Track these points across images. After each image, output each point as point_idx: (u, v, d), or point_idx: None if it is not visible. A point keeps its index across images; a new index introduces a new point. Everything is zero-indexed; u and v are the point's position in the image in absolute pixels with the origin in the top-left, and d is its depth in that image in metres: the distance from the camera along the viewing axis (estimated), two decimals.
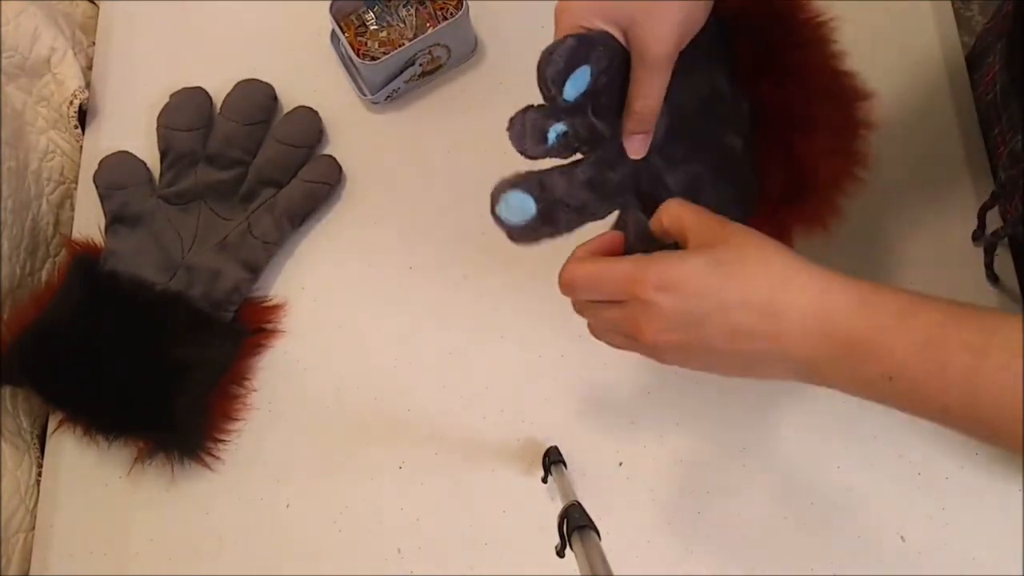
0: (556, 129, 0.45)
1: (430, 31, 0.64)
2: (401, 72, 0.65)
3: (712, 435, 0.58)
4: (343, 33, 0.65)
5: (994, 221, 0.58)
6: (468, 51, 0.68)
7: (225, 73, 0.67)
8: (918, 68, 0.66)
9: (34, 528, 0.60)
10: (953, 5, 0.66)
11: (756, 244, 0.39)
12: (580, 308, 0.44)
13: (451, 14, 0.65)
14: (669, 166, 0.48)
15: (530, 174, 0.46)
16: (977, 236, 0.59)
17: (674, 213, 0.41)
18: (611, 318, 0.41)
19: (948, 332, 0.35)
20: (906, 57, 0.66)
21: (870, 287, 0.37)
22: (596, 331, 0.44)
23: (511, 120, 0.44)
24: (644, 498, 0.57)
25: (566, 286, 0.42)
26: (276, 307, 0.63)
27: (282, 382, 0.62)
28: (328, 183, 0.65)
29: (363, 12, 0.67)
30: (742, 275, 0.38)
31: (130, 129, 0.68)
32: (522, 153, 0.45)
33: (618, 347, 0.43)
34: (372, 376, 0.61)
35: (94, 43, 0.72)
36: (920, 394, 0.36)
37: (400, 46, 0.64)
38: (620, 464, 0.58)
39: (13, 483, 0.59)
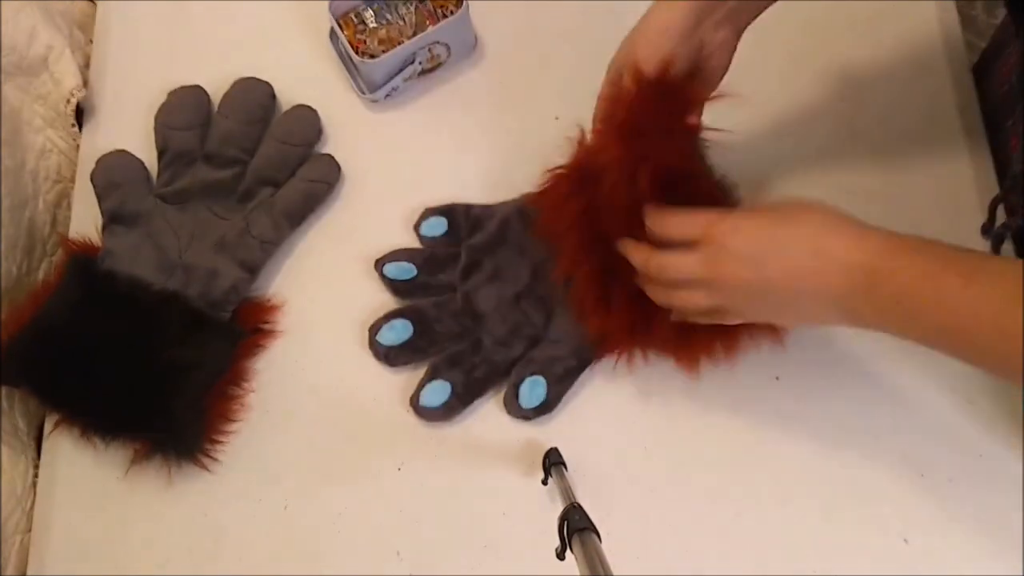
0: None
1: (430, 29, 0.63)
2: (400, 70, 0.65)
3: (713, 436, 0.58)
4: (342, 31, 0.65)
5: (1003, 214, 0.58)
6: (468, 49, 0.68)
7: (223, 71, 0.67)
8: (922, 66, 0.65)
9: (31, 529, 0.60)
10: (957, 3, 0.66)
11: (800, 203, 0.46)
12: (649, 265, 0.50)
13: (451, 12, 0.65)
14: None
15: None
16: (987, 229, 0.59)
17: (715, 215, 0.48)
18: (687, 263, 0.48)
19: (947, 264, 0.41)
20: (910, 55, 0.65)
21: (898, 235, 0.43)
22: (679, 291, 0.50)
23: None
24: (645, 500, 0.57)
25: (655, 220, 0.50)
26: (274, 307, 0.63)
27: (280, 383, 0.62)
28: (327, 182, 0.65)
29: (362, 10, 0.66)
30: (794, 222, 0.45)
31: (128, 128, 0.68)
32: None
33: (684, 303, 0.50)
34: (371, 376, 0.61)
35: (91, 41, 0.72)
36: (922, 315, 0.41)
37: (399, 44, 0.63)
38: (621, 466, 0.58)
39: (10, 484, 0.58)
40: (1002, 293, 0.39)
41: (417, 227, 0.63)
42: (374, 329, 0.60)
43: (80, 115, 0.69)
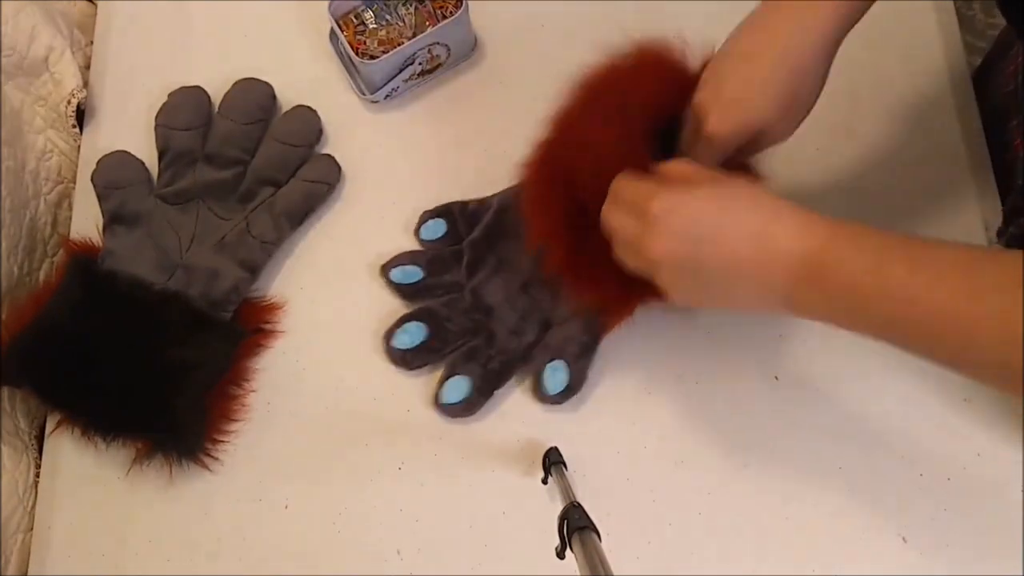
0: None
1: (429, 30, 0.63)
2: (400, 71, 0.65)
3: (712, 436, 0.58)
4: (342, 32, 0.65)
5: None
6: (468, 50, 0.68)
7: (224, 72, 0.67)
8: (920, 66, 0.65)
9: (32, 529, 0.60)
10: (955, 4, 0.66)
11: (748, 184, 0.45)
12: (604, 221, 0.48)
13: (450, 12, 0.65)
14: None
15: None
16: (1002, 232, 0.59)
17: (678, 167, 0.47)
18: (628, 230, 0.46)
19: (894, 254, 0.39)
20: (908, 55, 0.65)
21: (845, 223, 0.41)
22: (617, 246, 0.48)
23: None
24: (644, 499, 0.57)
25: (617, 180, 0.48)
26: (275, 307, 0.63)
27: (281, 382, 0.62)
28: (327, 182, 0.65)
29: (362, 11, 0.66)
30: (738, 207, 0.43)
31: (128, 128, 0.68)
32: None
33: (630, 265, 0.47)
34: (371, 376, 0.61)
35: (92, 42, 0.72)
36: (869, 309, 0.40)
37: (399, 45, 0.63)
38: (621, 466, 0.58)
39: (11, 484, 0.58)
40: (952, 283, 0.37)
41: (417, 231, 0.64)
42: (388, 335, 0.60)
43: (81, 116, 0.69)
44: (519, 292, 0.60)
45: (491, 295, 0.60)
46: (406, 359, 0.60)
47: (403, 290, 0.62)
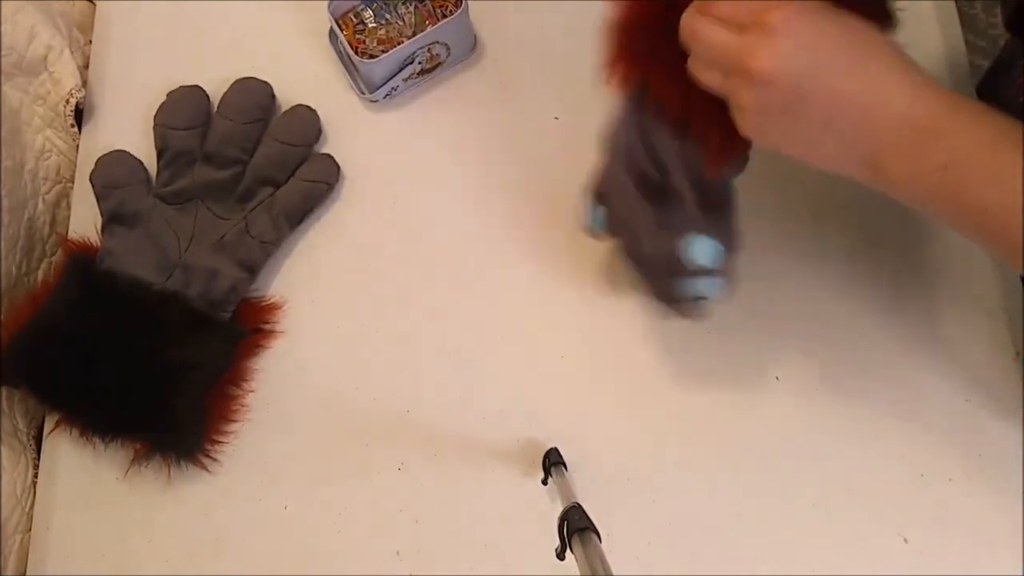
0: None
1: (429, 29, 0.63)
2: (400, 70, 0.65)
3: (713, 436, 0.58)
4: (341, 31, 0.65)
5: None
6: (467, 49, 0.68)
7: (223, 71, 0.67)
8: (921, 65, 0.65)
9: (31, 529, 0.60)
10: (957, 3, 0.66)
11: (874, 29, 0.40)
12: (691, 32, 0.43)
13: (450, 12, 0.65)
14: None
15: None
16: None
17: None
18: (725, 43, 0.41)
19: (1008, 138, 0.36)
20: (909, 55, 0.65)
21: (965, 99, 0.39)
22: (697, 62, 0.43)
23: None
24: (645, 500, 0.57)
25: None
26: (274, 307, 0.63)
27: (280, 383, 0.62)
28: (326, 182, 0.65)
29: (361, 10, 0.66)
30: (861, 47, 0.39)
31: (127, 128, 0.68)
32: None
33: (710, 82, 0.43)
34: (371, 377, 0.61)
35: (91, 41, 0.72)
36: (965, 190, 0.37)
37: (399, 44, 0.63)
38: (621, 466, 0.58)
39: (10, 484, 0.58)
40: None
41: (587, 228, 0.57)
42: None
43: (79, 115, 0.69)
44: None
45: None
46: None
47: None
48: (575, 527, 0.42)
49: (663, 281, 0.53)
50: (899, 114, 0.38)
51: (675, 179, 0.51)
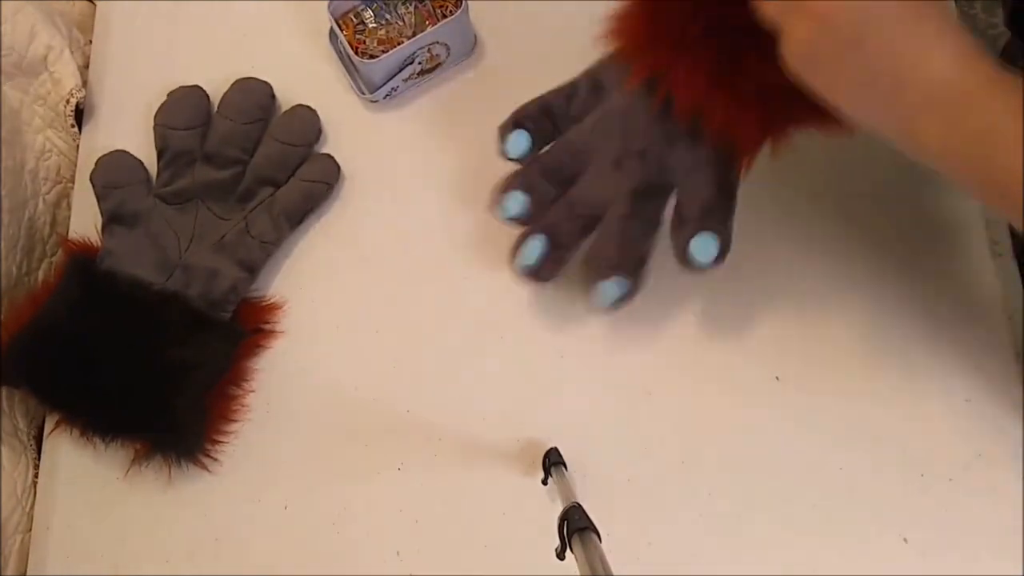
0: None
1: (429, 29, 0.63)
2: (400, 71, 0.65)
3: (713, 436, 0.58)
4: (341, 31, 0.65)
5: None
6: (468, 49, 0.68)
7: (223, 71, 0.67)
8: None
9: (31, 529, 0.60)
10: (957, 3, 0.66)
11: None
12: None
13: (450, 12, 0.65)
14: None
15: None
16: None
17: None
18: None
19: None
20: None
21: (1002, 67, 0.38)
22: None
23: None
24: (645, 499, 0.57)
25: None
26: (274, 307, 0.63)
27: (280, 383, 0.62)
28: (326, 182, 0.65)
29: (361, 10, 0.66)
30: (921, 7, 0.38)
31: (127, 128, 0.68)
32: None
33: (765, 10, 0.42)
34: (371, 377, 0.61)
35: (91, 41, 0.72)
36: (1001, 156, 0.37)
37: (399, 44, 0.63)
38: (621, 466, 0.58)
39: (10, 484, 0.58)
40: None
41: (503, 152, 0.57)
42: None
43: (79, 115, 0.69)
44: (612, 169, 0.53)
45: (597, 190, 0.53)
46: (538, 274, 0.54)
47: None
48: (575, 527, 0.42)
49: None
50: (943, 78, 0.38)
51: (673, 176, 0.52)
